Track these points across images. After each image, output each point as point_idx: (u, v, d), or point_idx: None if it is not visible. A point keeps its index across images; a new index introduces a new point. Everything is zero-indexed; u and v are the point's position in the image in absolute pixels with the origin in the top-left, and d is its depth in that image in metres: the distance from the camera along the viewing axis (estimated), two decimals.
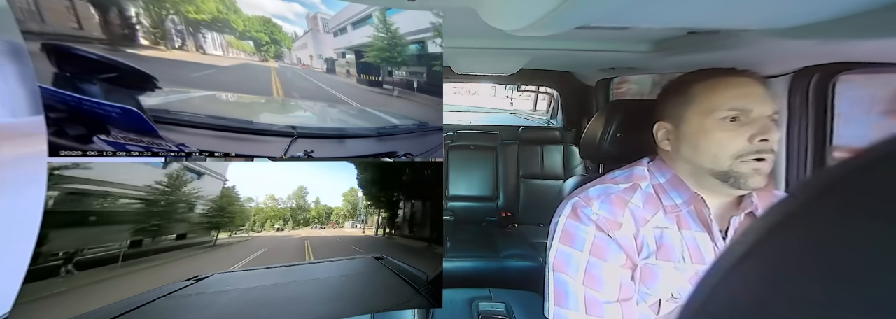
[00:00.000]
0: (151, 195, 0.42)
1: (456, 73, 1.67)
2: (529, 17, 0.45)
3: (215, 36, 0.50)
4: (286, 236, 0.48)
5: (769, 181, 0.66)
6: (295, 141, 0.61)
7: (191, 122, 0.56)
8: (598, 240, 0.63)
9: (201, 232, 0.44)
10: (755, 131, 0.57)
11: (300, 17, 0.57)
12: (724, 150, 0.58)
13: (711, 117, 0.59)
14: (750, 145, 0.57)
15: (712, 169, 0.60)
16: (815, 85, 0.89)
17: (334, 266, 0.67)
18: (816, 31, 0.54)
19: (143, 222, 0.42)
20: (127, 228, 0.42)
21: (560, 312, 0.63)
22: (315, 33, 0.58)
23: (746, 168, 0.57)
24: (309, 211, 0.48)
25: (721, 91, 0.60)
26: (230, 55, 0.51)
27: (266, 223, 0.45)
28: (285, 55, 0.57)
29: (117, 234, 0.40)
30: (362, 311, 0.64)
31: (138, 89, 0.53)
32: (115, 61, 0.51)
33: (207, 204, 0.45)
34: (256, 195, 0.44)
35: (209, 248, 0.44)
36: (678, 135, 0.64)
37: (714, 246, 0.63)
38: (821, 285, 0.13)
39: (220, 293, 0.59)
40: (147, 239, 0.42)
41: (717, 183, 0.60)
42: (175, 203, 0.43)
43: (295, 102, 0.62)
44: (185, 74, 0.50)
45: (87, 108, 0.50)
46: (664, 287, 0.61)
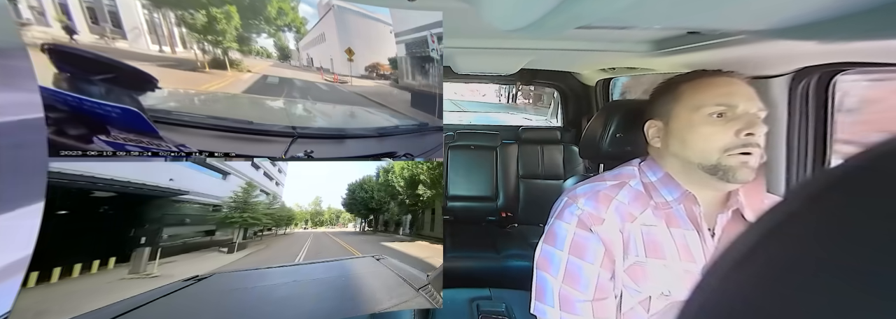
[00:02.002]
0: (239, 203, 0.57)
1: (456, 73, 1.67)
2: (529, 17, 0.45)
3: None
4: (316, 232, 0.62)
5: (759, 177, 0.68)
6: (295, 141, 0.61)
7: (191, 122, 0.56)
8: (578, 238, 0.65)
9: (274, 227, 0.60)
10: (741, 126, 0.59)
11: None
12: (711, 144, 0.60)
13: (699, 113, 0.62)
14: (736, 139, 0.59)
15: (701, 164, 0.61)
16: (815, 85, 0.89)
17: (334, 266, 0.67)
18: (816, 31, 0.54)
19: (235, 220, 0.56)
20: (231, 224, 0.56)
21: (540, 306, 0.67)
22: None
23: (734, 161, 0.59)
24: (323, 214, 0.62)
25: (707, 88, 0.63)
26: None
27: (300, 222, 0.61)
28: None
29: (229, 228, 0.56)
30: (362, 311, 0.64)
31: (138, 89, 0.53)
32: (115, 61, 0.51)
33: (272, 209, 0.59)
34: (296, 201, 0.60)
35: (279, 236, 0.59)
36: (667, 131, 0.67)
37: (703, 244, 0.64)
38: (821, 285, 0.13)
39: (220, 293, 0.59)
40: (245, 230, 0.57)
41: (706, 177, 0.62)
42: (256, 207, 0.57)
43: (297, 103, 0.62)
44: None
45: (87, 108, 0.50)
46: (654, 285, 0.63)
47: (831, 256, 0.13)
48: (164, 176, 0.50)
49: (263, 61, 0.59)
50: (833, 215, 0.13)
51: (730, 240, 0.16)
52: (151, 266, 0.52)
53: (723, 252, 0.16)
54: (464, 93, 9.63)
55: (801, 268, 0.13)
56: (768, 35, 0.61)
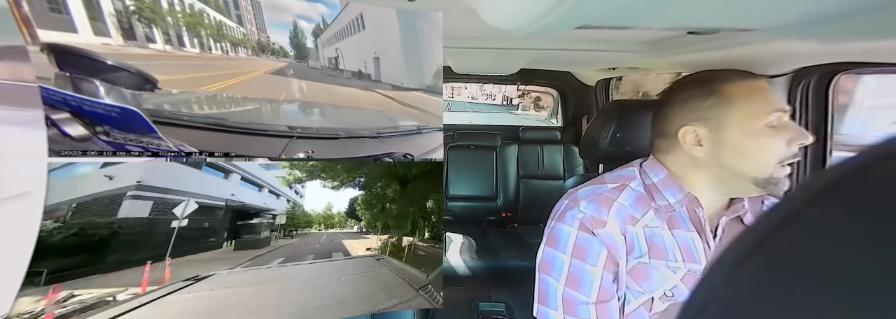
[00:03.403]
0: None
1: (456, 73, 1.67)
2: (529, 17, 0.45)
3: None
4: (328, 232, 0.71)
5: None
6: (293, 141, 0.61)
7: (191, 122, 0.56)
8: (581, 241, 0.64)
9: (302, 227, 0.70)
10: (793, 135, 0.56)
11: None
12: (769, 157, 0.57)
13: (758, 122, 0.57)
14: (788, 150, 0.56)
15: (757, 178, 0.58)
16: (815, 85, 0.89)
17: (334, 266, 0.67)
18: (816, 31, 0.54)
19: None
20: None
21: (543, 310, 0.66)
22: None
23: (783, 173, 0.57)
24: (334, 217, 0.71)
25: (762, 94, 0.59)
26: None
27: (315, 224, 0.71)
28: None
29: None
30: (362, 311, 0.64)
31: (138, 89, 0.53)
32: (114, 61, 0.51)
33: (298, 214, 0.70)
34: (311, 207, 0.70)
35: (301, 236, 0.70)
36: (717, 140, 0.60)
37: (705, 246, 0.64)
38: (822, 285, 0.13)
39: (220, 293, 0.59)
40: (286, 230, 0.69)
41: (752, 188, 0.59)
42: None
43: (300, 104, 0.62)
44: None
45: (87, 108, 0.50)
46: (657, 286, 0.62)
47: (831, 256, 0.13)
48: (229, 191, 0.64)
49: (264, 61, 0.59)
50: (833, 215, 0.13)
51: (730, 241, 0.16)
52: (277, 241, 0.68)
53: (723, 252, 0.16)
54: (477, 96, 9.88)
55: (801, 268, 0.13)
56: (768, 35, 0.61)
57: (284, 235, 0.68)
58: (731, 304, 0.15)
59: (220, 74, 0.57)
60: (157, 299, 0.55)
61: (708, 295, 0.16)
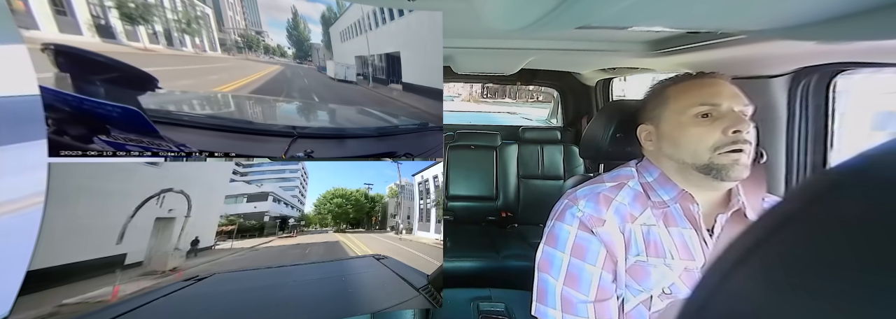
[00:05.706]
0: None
1: (456, 73, 1.67)
2: (529, 17, 0.45)
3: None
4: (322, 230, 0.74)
5: (759, 178, 0.68)
6: (295, 141, 0.61)
7: (191, 122, 0.56)
8: (580, 240, 0.66)
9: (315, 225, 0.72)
10: (727, 124, 0.60)
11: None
12: (701, 144, 0.62)
13: (685, 114, 0.64)
14: (725, 137, 0.60)
15: (694, 164, 0.63)
16: (815, 85, 0.89)
17: (334, 266, 0.67)
18: (816, 31, 0.54)
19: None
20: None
21: (541, 309, 0.67)
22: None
23: (726, 159, 0.60)
24: (328, 219, 0.74)
25: (691, 90, 0.65)
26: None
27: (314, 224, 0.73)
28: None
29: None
30: (362, 311, 0.64)
31: (138, 89, 0.53)
32: (115, 61, 0.51)
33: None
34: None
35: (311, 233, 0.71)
36: (658, 134, 0.69)
37: (702, 242, 0.65)
38: (822, 285, 0.13)
39: (219, 293, 0.59)
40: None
41: (701, 176, 0.63)
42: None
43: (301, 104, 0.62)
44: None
45: (87, 108, 0.50)
46: (656, 284, 0.63)
47: (831, 256, 0.13)
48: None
49: (264, 60, 0.59)
50: (833, 215, 0.13)
51: (730, 240, 0.16)
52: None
53: (723, 251, 0.16)
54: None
55: (801, 268, 0.13)
56: (768, 35, 0.61)
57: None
58: (730, 304, 0.15)
59: (220, 78, 0.57)
60: (157, 299, 0.55)
61: (707, 295, 0.16)
